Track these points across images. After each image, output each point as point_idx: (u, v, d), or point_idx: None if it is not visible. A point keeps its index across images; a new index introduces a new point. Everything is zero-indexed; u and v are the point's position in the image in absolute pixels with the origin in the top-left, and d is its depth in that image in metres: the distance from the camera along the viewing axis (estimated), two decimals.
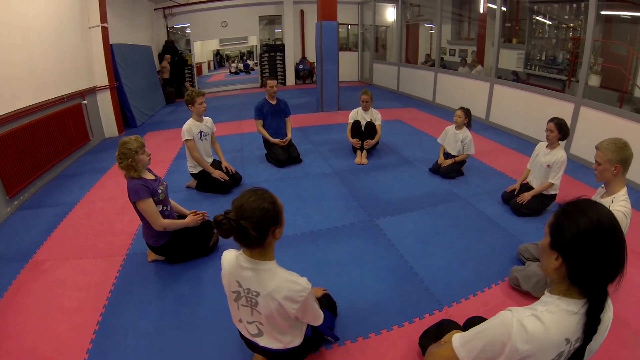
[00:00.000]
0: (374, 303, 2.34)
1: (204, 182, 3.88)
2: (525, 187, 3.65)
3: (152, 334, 2.11)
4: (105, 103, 6.14)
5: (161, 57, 9.81)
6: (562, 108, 5.09)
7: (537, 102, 5.67)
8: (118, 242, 3.02)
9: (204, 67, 18.43)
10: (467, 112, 4.32)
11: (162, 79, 9.47)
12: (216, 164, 4.00)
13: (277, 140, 4.70)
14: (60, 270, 2.70)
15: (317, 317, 1.62)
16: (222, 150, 4.16)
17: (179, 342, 2.05)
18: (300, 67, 11.28)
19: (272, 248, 1.50)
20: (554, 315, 1.04)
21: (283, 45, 11.11)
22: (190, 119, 3.75)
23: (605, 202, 2.17)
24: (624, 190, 2.15)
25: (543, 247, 1.12)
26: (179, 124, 7.19)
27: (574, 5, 6.34)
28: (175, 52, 10.10)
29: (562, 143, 3.44)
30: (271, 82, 4.61)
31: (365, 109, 5.02)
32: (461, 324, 1.85)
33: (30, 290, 2.50)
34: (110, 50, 6.17)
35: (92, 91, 5.88)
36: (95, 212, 3.58)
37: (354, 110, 5.11)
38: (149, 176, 2.54)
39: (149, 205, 2.39)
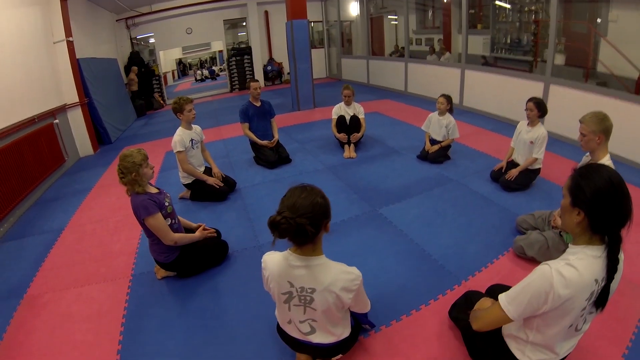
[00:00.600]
0: (397, 287, 2.38)
1: (199, 191, 3.73)
2: (512, 164, 3.80)
3: (186, 355, 1.97)
4: (77, 121, 5.78)
5: (127, 69, 9.36)
6: (532, 87, 5.28)
7: (508, 84, 5.86)
8: (120, 264, 2.82)
9: (169, 77, 17.82)
10: (448, 98, 4.44)
11: (130, 92, 9.04)
12: (207, 172, 3.85)
13: (265, 142, 4.60)
14: (62, 301, 2.47)
15: (367, 304, 1.65)
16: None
17: (216, 357, 1.95)
18: (269, 68, 11.11)
19: (321, 242, 1.50)
20: (583, 261, 1.22)
21: (250, 48, 10.90)
22: (180, 127, 3.58)
23: None
24: (608, 156, 2.34)
25: (564, 207, 1.29)
26: (154, 136, 7.08)
27: None
28: (141, 63, 9.67)
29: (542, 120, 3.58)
30: (255, 84, 4.50)
31: (348, 104, 5.01)
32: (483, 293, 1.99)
33: (32, 328, 2.26)
34: (77, 65, 5.80)
35: (63, 109, 5.52)
36: (86, 235, 3.34)
37: (336, 106, 5.08)
38: (153, 189, 2.39)
39: (159, 221, 2.25)
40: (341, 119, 4.96)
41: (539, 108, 3.47)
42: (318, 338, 1.59)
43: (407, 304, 2.22)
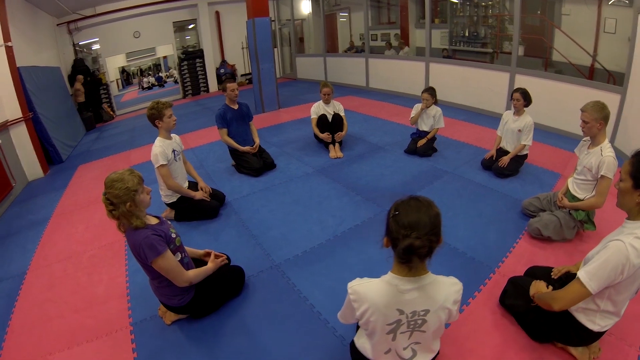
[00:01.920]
0: None
1: (186, 210, 3.19)
2: (501, 151, 3.82)
3: None
4: (21, 139, 4.79)
5: (72, 78, 8.11)
6: (499, 78, 5.36)
7: (474, 75, 5.90)
8: (111, 311, 2.23)
9: (113, 86, 16.09)
10: (432, 92, 4.33)
11: (77, 104, 7.87)
12: (191, 187, 3.31)
13: (247, 148, 4.13)
14: None
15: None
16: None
17: None
18: (222, 71, 10.34)
19: None
20: None
21: (201, 51, 10.06)
22: (159, 138, 3.00)
23: (595, 150, 2.47)
24: (607, 140, 2.47)
25: (625, 190, 1.43)
26: (110, 151, 6.18)
27: None
28: (86, 72, 8.46)
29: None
30: (231, 85, 4.01)
31: (327, 102, 4.71)
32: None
33: None
34: (18, 75, 4.82)
35: (4, 126, 4.54)
36: (57, 278, 2.65)
37: (315, 105, 4.74)
38: (152, 220, 1.87)
39: (169, 260, 1.77)
40: (323, 117, 4.63)
41: (525, 98, 3.51)
42: (417, 356, 1.42)
43: None
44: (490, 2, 6.68)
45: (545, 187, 3.43)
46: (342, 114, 4.70)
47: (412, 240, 1.11)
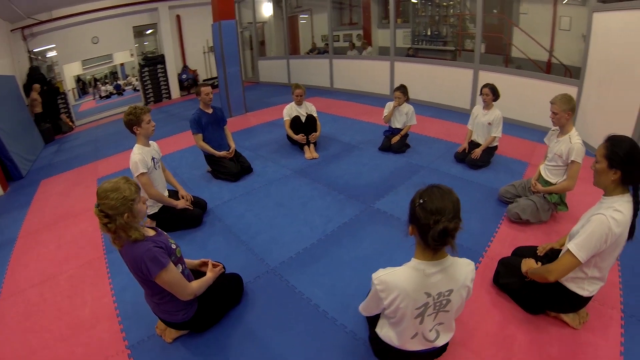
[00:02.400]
0: None
1: (168, 220, 3.02)
2: (473, 144, 3.99)
3: None
4: None
5: (27, 88, 7.39)
6: (463, 74, 5.59)
7: (439, 72, 6.11)
8: (103, 335, 2.04)
9: (70, 96, 14.88)
10: (404, 90, 4.42)
11: (34, 114, 7.20)
12: (171, 195, 3.16)
13: (223, 153, 4.00)
14: None
15: None
16: None
17: None
18: (184, 76, 9.92)
19: None
20: (624, 206, 1.58)
21: (162, 56, 9.61)
22: (137, 145, 2.83)
23: (565, 139, 2.67)
24: (574, 128, 2.67)
25: (601, 170, 1.63)
26: (74, 163, 5.75)
27: None
28: (43, 81, 7.75)
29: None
30: (205, 89, 3.87)
31: (300, 103, 4.67)
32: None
33: None
34: None
35: None
36: (34, 305, 2.40)
37: (287, 107, 4.69)
38: (149, 231, 1.75)
39: (173, 273, 1.66)
40: (297, 119, 4.60)
41: (493, 93, 3.69)
42: (442, 340, 1.52)
43: None
44: (451, 2, 6.95)
45: (516, 176, 3.64)
46: (314, 114, 4.69)
47: (447, 224, 1.19)
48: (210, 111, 3.98)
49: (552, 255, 2.01)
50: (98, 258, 2.80)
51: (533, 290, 1.89)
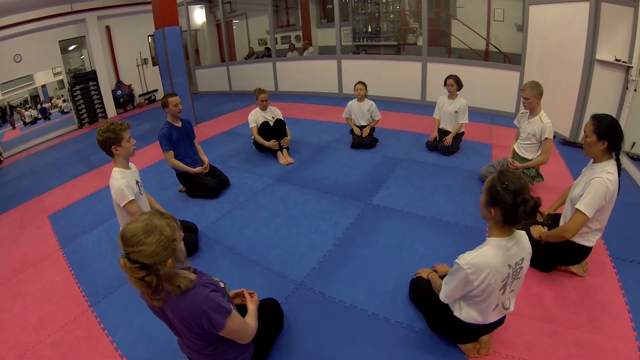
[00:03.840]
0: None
1: None
2: (442, 132, 4.25)
3: None
4: None
5: None
6: (412, 67, 5.92)
7: (387, 67, 6.37)
8: None
9: None
10: (364, 84, 4.48)
11: None
12: None
13: (199, 169, 3.67)
14: None
15: None
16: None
17: None
18: (119, 93, 8.81)
19: None
20: (613, 168, 1.93)
21: (94, 72, 8.40)
22: (116, 169, 2.42)
23: (536, 119, 2.99)
24: (543, 110, 2.99)
25: (591, 143, 1.96)
26: (14, 201, 4.58)
27: None
28: None
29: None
30: (174, 99, 3.51)
31: (265, 108, 4.49)
32: None
33: None
34: None
35: None
36: None
37: (252, 113, 4.48)
38: (190, 274, 1.44)
39: (237, 317, 1.43)
40: (266, 125, 4.40)
41: (457, 83, 3.98)
42: (512, 306, 1.66)
43: None
44: None
45: (485, 157, 3.97)
46: (281, 118, 4.56)
47: (536, 199, 1.36)
48: (179, 124, 3.61)
49: (552, 220, 2.36)
50: (83, 313, 2.31)
51: (544, 252, 2.17)
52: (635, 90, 3.50)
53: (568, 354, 1.73)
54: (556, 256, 2.17)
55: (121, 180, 2.35)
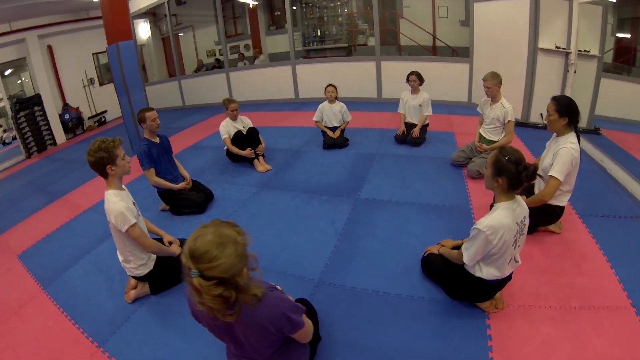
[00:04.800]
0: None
1: (165, 277, 2.50)
2: (408, 125, 4.54)
3: None
4: None
5: None
6: (366, 67, 6.18)
7: (342, 68, 6.62)
8: None
9: None
10: (335, 87, 4.64)
11: None
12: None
13: (182, 185, 3.53)
14: None
15: None
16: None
17: None
18: (67, 117, 7.94)
19: None
20: (574, 138, 2.30)
21: (38, 96, 7.50)
22: (110, 191, 2.24)
23: (498, 105, 3.36)
24: (503, 97, 3.37)
25: (554, 120, 2.30)
26: None
27: None
28: None
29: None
30: (151, 114, 3.32)
31: (235, 118, 4.45)
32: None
33: None
34: None
35: None
36: None
37: (223, 124, 4.39)
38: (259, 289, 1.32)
39: (306, 317, 1.43)
40: (239, 134, 4.35)
41: (419, 79, 4.28)
42: (519, 258, 1.92)
43: None
44: (338, 3, 7.54)
45: (451, 144, 4.33)
46: (252, 125, 4.53)
47: (535, 165, 1.68)
48: (157, 140, 3.44)
49: (528, 189, 2.68)
50: (93, 356, 2.09)
51: (539, 214, 2.47)
52: (575, 72, 4.09)
53: (565, 294, 2.06)
54: (537, 219, 2.46)
55: (120, 203, 2.19)
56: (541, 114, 4.56)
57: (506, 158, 1.68)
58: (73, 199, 4.49)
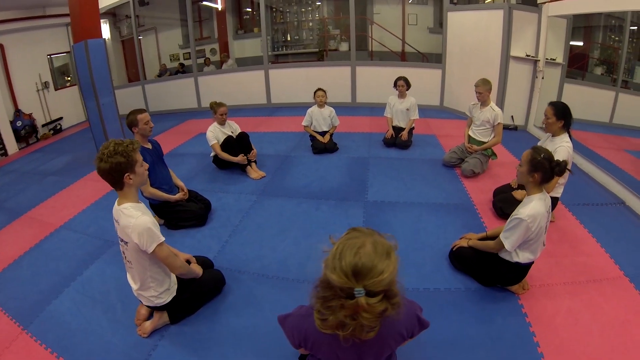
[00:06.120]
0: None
1: (191, 300, 2.22)
2: (396, 129, 4.64)
3: None
4: None
5: None
6: (341, 72, 6.25)
7: (316, 73, 6.62)
8: None
9: None
10: (324, 91, 4.61)
11: None
12: None
13: (179, 196, 3.24)
14: None
15: None
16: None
17: None
18: (19, 124, 6.82)
19: None
20: (567, 139, 2.58)
21: None
22: (128, 204, 1.88)
23: (487, 109, 3.58)
24: (492, 101, 3.62)
25: (552, 123, 2.58)
26: None
27: None
28: None
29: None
30: (143, 116, 2.95)
31: (224, 123, 4.22)
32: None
33: None
34: None
35: None
36: None
37: (210, 130, 4.10)
38: None
39: None
40: (230, 140, 4.13)
41: (407, 84, 4.42)
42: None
43: None
44: (310, 8, 7.51)
45: (437, 147, 4.53)
46: (240, 131, 4.34)
47: (564, 161, 1.89)
48: (149, 146, 3.09)
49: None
50: None
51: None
52: (542, 78, 4.50)
53: (573, 272, 2.37)
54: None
55: (144, 217, 1.83)
56: (512, 116, 4.97)
57: (542, 156, 1.89)
58: (38, 216, 3.88)
